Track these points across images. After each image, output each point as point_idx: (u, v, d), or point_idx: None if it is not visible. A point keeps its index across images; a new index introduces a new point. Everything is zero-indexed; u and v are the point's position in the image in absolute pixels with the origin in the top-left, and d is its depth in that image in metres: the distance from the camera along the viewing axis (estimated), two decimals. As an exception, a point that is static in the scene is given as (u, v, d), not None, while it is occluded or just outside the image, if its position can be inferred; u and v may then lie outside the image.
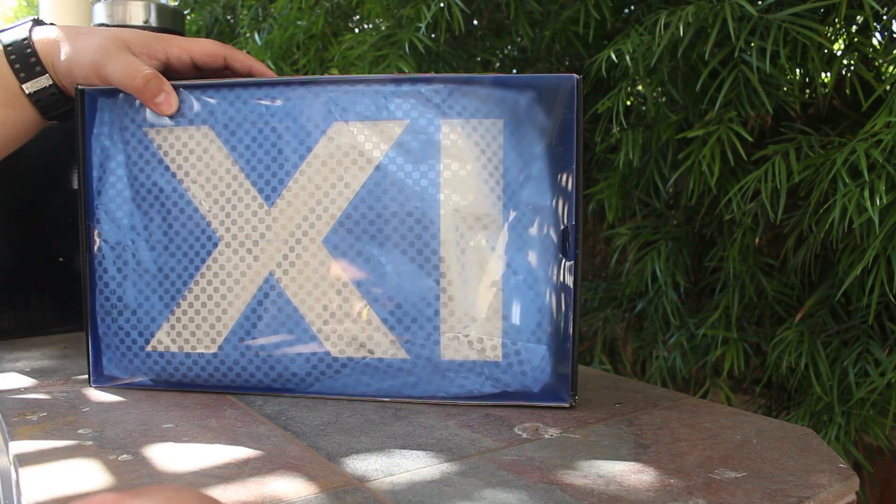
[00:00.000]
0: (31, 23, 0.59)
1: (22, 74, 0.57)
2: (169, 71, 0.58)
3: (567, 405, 0.53)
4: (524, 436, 0.48)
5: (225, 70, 0.60)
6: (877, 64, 0.81)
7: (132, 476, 0.41)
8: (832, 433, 0.77)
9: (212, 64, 0.59)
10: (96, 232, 0.57)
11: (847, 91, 0.81)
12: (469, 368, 0.53)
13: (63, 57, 0.56)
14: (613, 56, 0.80)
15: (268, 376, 0.55)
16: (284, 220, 0.54)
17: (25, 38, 0.57)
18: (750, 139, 0.78)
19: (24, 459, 0.43)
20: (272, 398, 0.55)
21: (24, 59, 0.57)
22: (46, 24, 0.59)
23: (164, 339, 0.56)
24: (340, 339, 0.54)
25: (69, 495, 0.39)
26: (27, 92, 0.57)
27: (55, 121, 0.60)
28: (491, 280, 0.53)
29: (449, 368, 0.53)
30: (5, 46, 0.57)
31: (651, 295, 0.97)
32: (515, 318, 0.52)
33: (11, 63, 0.57)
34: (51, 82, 0.57)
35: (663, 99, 0.89)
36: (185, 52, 0.58)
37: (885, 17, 0.77)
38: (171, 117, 0.55)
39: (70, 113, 0.60)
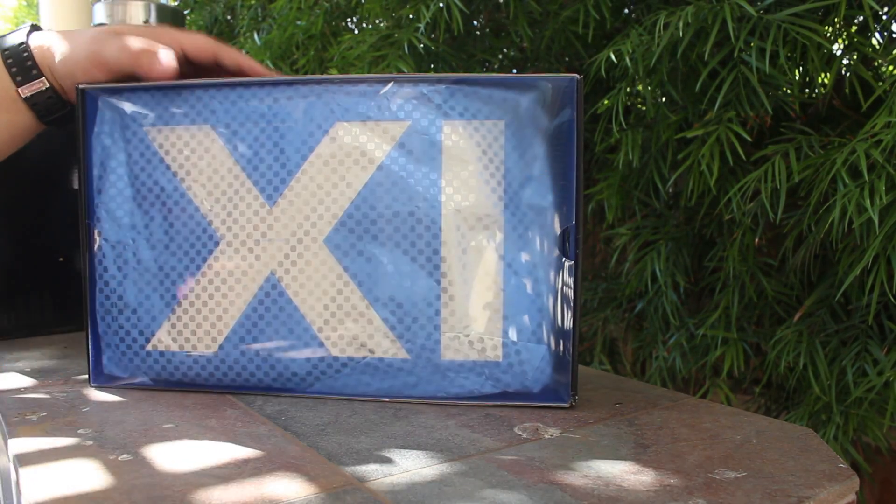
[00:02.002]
0: (28, 27, 0.59)
1: (18, 78, 0.57)
2: None
3: (567, 405, 0.53)
4: (524, 436, 0.48)
5: (216, 67, 0.60)
6: (876, 64, 0.81)
7: (132, 476, 0.41)
8: (830, 433, 0.77)
9: (202, 58, 0.60)
10: (97, 231, 0.57)
11: (847, 91, 0.81)
12: (469, 368, 0.53)
13: (59, 58, 0.57)
14: (613, 56, 0.80)
15: (268, 376, 0.55)
16: (286, 220, 0.54)
17: (22, 43, 0.58)
18: (749, 139, 0.78)
19: (24, 459, 0.43)
20: (272, 398, 0.55)
21: (21, 62, 0.57)
22: (45, 30, 0.60)
23: (164, 339, 0.56)
24: (341, 338, 0.54)
25: (69, 495, 0.39)
26: (23, 95, 0.57)
27: (52, 125, 0.60)
28: (492, 280, 0.53)
29: (449, 368, 0.53)
30: (3, 51, 0.57)
31: (651, 295, 0.97)
32: (516, 318, 0.53)
33: (8, 67, 0.57)
34: (48, 85, 0.58)
35: (663, 99, 0.89)
36: (175, 42, 0.58)
37: (884, 17, 0.77)
38: (172, 117, 0.55)
39: (67, 118, 0.60)
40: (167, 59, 0.56)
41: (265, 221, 0.54)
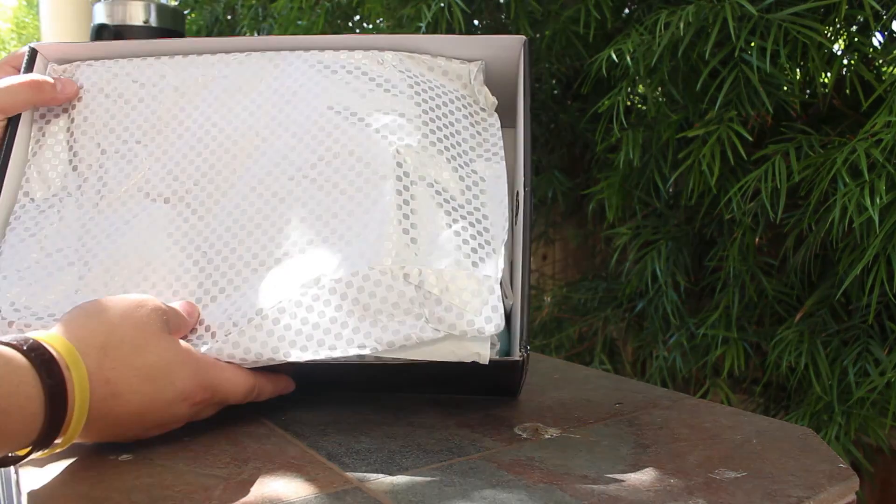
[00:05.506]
0: None
1: None
2: None
3: (518, 359, 0.48)
4: (524, 436, 0.48)
5: None
6: (877, 64, 0.81)
7: (132, 476, 0.41)
8: (832, 433, 0.77)
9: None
10: None
11: (847, 91, 0.81)
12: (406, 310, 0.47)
13: None
14: (614, 56, 0.80)
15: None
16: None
17: None
18: (750, 139, 0.78)
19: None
20: (272, 398, 0.55)
21: None
22: None
23: None
24: None
25: (69, 495, 0.39)
26: None
27: None
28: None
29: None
30: None
31: (651, 295, 0.97)
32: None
33: None
34: None
35: (663, 99, 0.89)
36: None
37: (885, 17, 0.76)
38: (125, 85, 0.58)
39: None
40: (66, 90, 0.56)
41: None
